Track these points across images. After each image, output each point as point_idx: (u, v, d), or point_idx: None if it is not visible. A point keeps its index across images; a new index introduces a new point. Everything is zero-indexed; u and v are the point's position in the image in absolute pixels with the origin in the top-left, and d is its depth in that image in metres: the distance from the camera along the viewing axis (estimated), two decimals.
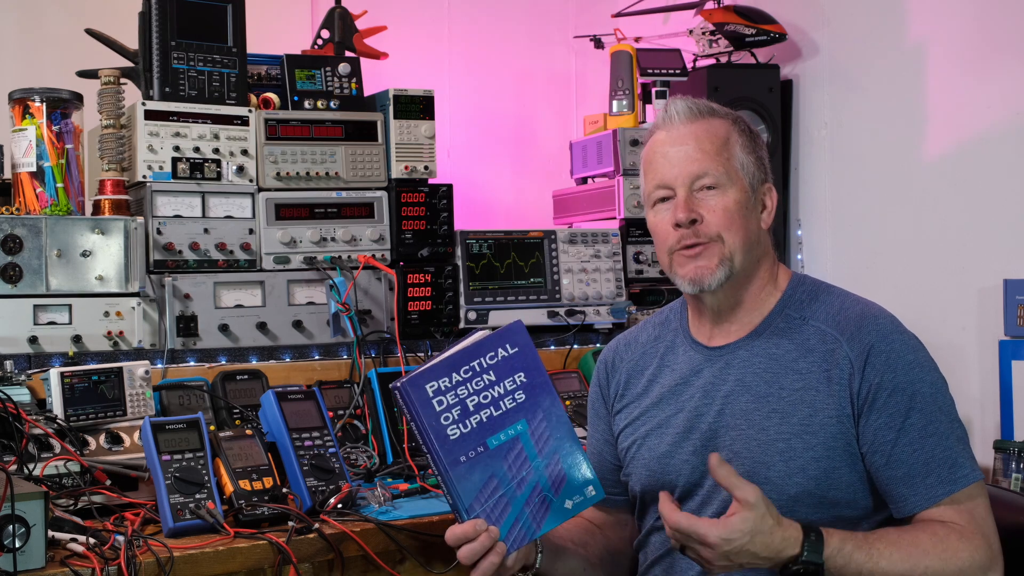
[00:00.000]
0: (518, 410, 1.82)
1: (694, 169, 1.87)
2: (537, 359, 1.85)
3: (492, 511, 1.78)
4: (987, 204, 3.02)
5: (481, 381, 1.81)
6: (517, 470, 1.80)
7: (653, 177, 1.93)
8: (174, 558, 1.86)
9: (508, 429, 1.80)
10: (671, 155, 1.90)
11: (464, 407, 1.79)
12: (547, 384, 1.84)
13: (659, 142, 1.93)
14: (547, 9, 4.20)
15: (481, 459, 1.79)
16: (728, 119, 1.93)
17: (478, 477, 1.78)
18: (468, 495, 1.78)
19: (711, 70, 3.51)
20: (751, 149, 1.92)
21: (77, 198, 2.74)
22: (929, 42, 3.19)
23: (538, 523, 1.81)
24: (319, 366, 2.80)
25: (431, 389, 1.78)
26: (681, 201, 1.87)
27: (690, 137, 1.89)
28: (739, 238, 1.87)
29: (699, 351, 1.96)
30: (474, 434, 1.79)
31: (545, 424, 1.82)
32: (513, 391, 1.82)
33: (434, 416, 1.78)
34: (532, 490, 1.80)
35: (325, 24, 3.24)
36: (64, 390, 2.32)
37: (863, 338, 1.82)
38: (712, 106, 1.94)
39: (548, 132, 4.17)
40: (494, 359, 1.82)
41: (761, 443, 1.83)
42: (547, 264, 3.19)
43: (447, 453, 1.77)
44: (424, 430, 1.78)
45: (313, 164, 2.95)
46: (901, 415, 1.78)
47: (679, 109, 1.92)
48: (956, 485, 1.76)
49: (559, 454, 1.82)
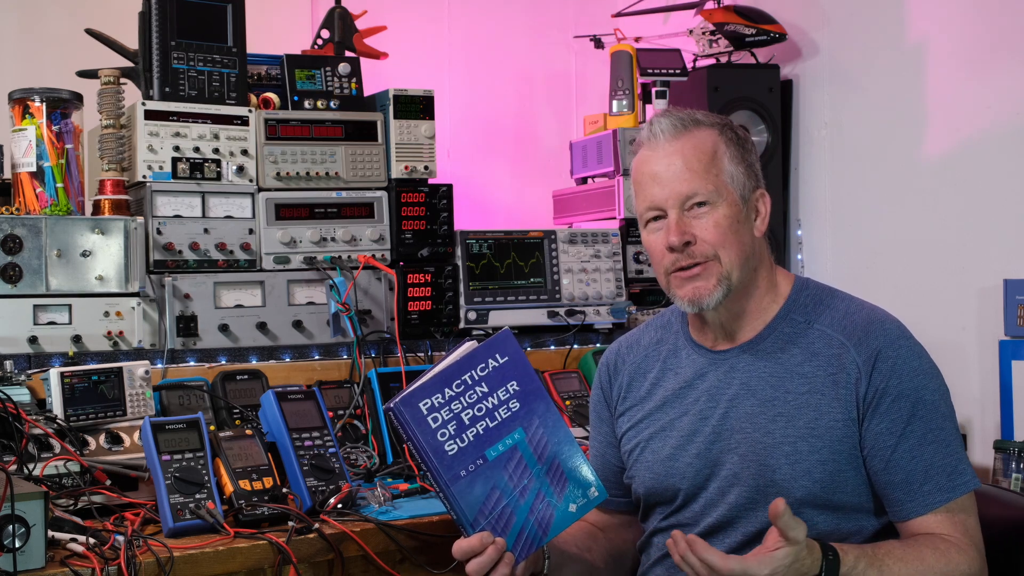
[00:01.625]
0: (514, 419, 1.81)
1: (683, 189, 1.85)
2: (528, 366, 1.84)
3: (497, 522, 1.77)
4: (987, 204, 3.02)
5: (474, 394, 1.80)
6: (518, 479, 1.79)
7: (644, 198, 1.91)
8: (174, 558, 1.86)
9: (506, 439, 1.80)
10: (659, 175, 1.88)
11: (459, 421, 1.79)
12: (540, 390, 1.84)
13: (645, 161, 1.91)
14: (547, 9, 4.20)
15: (481, 471, 1.78)
16: (715, 128, 1.90)
17: (480, 490, 1.77)
18: (472, 509, 1.77)
19: (711, 70, 3.51)
20: (740, 158, 1.90)
21: (77, 198, 2.74)
22: (929, 42, 3.19)
23: (544, 530, 1.80)
24: (319, 366, 2.80)
25: (425, 407, 1.78)
26: (673, 224, 1.86)
27: (677, 155, 1.87)
28: (735, 253, 1.86)
29: (703, 355, 1.96)
30: (472, 447, 1.78)
31: (542, 430, 1.82)
32: (507, 400, 1.81)
33: (430, 433, 1.77)
34: (535, 497, 1.80)
35: (325, 24, 3.24)
36: (64, 390, 2.32)
37: (870, 343, 1.82)
38: (696, 116, 1.91)
39: (548, 132, 4.17)
40: (485, 370, 1.82)
41: (767, 446, 1.83)
42: (547, 264, 3.19)
43: (447, 469, 1.77)
44: (421, 448, 1.77)
45: (313, 164, 2.95)
46: (903, 421, 1.78)
47: (663, 127, 1.89)
48: (955, 492, 1.77)
49: (559, 459, 1.82)
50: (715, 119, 1.93)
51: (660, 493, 1.94)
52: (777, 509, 1.62)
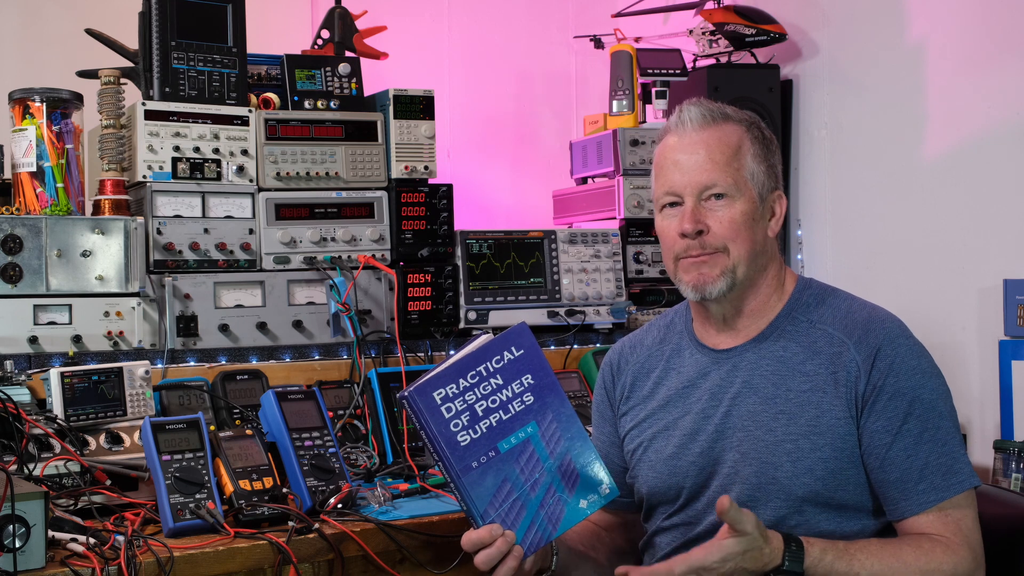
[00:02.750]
0: (527, 412, 1.81)
1: (703, 179, 1.87)
2: (543, 360, 1.84)
3: (507, 515, 1.77)
4: (987, 204, 3.02)
5: (488, 385, 1.80)
6: (530, 472, 1.79)
7: (663, 183, 1.92)
8: (174, 558, 1.86)
9: (518, 432, 1.80)
10: (682, 162, 1.89)
11: (473, 412, 1.79)
12: (555, 384, 1.84)
13: (670, 147, 1.92)
14: (547, 9, 4.20)
15: (493, 463, 1.78)
16: (742, 125, 1.92)
17: (491, 482, 1.77)
18: (482, 500, 1.77)
19: (711, 70, 3.51)
20: (763, 157, 1.91)
21: (77, 198, 2.74)
22: (929, 42, 3.19)
23: (554, 524, 1.80)
24: (319, 366, 2.80)
25: (439, 396, 1.78)
26: (688, 211, 1.88)
27: (701, 145, 1.89)
28: (744, 249, 1.88)
29: (706, 354, 1.96)
30: (484, 439, 1.78)
31: (555, 425, 1.82)
32: (521, 393, 1.81)
33: (443, 423, 1.77)
34: (546, 492, 1.79)
35: (325, 24, 3.24)
36: (64, 390, 2.32)
37: (870, 341, 1.82)
38: (727, 111, 1.93)
39: (548, 132, 4.17)
40: (500, 363, 1.82)
41: (768, 444, 1.83)
42: (547, 264, 3.19)
43: (458, 460, 1.77)
44: (434, 438, 1.77)
45: (313, 164, 2.95)
46: (899, 419, 1.78)
47: (692, 115, 1.91)
48: (949, 492, 1.77)
49: (571, 454, 1.82)
50: (744, 115, 1.94)
51: (663, 492, 1.95)
52: (723, 506, 1.65)
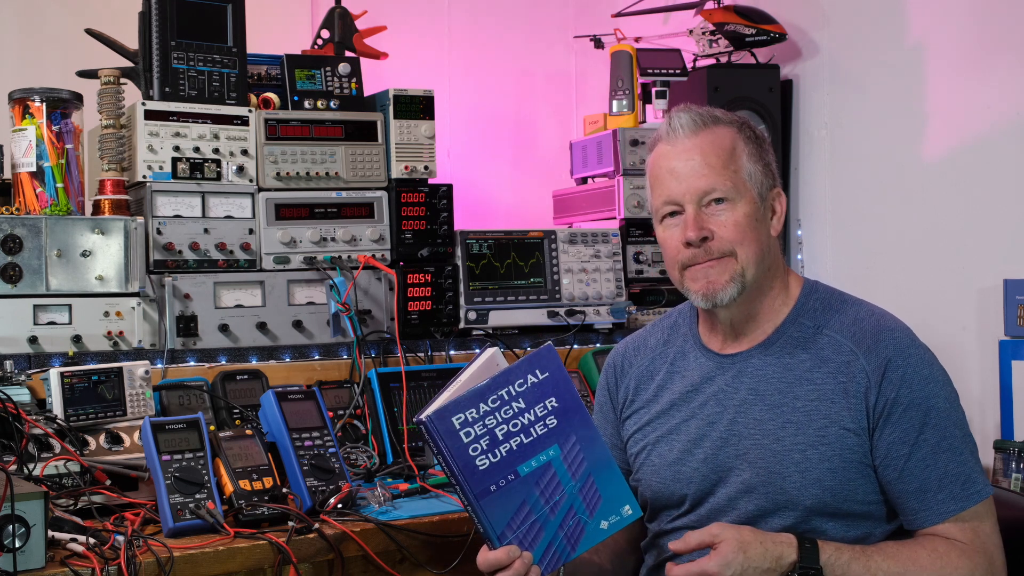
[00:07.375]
0: (550, 436, 1.76)
1: (702, 185, 1.85)
2: (568, 382, 1.78)
3: (525, 536, 1.74)
4: (987, 204, 3.02)
5: (510, 409, 1.75)
6: (550, 495, 1.75)
7: (660, 193, 1.90)
8: (174, 558, 1.86)
9: (540, 455, 1.75)
10: (678, 170, 1.87)
11: (493, 436, 1.73)
12: (580, 407, 1.78)
13: (664, 156, 1.90)
14: (547, 9, 4.20)
15: (512, 487, 1.74)
16: (733, 126, 1.90)
17: (509, 504, 1.74)
18: (500, 523, 1.74)
19: (711, 70, 3.51)
20: (758, 156, 1.90)
21: (77, 198, 2.74)
22: (929, 42, 3.19)
23: (573, 545, 1.77)
24: (319, 366, 2.80)
25: (458, 421, 1.73)
26: (691, 219, 1.85)
27: (695, 151, 1.86)
28: (752, 251, 1.86)
29: (711, 358, 1.95)
30: (504, 463, 1.74)
31: (579, 447, 1.77)
32: (544, 417, 1.76)
33: (462, 448, 1.72)
34: (566, 514, 1.76)
35: (325, 24, 3.24)
36: (64, 390, 2.32)
37: (880, 352, 1.81)
38: (716, 114, 1.91)
39: (548, 132, 4.17)
40: (523, 386, 1.76)
41: (776, 453, 1.82)
42: (547, 264, 3.19)
43: (476, 484, 1.73)
44: (452, 463, 1.73)
45: (313, 164, 2.95)
46: (915, 430, 1.77)
47: (683, 122, 1.88)
48: (968, 501, 1.76)
49: (593, 475, 1.77)
50: (733, 117, 1.93)
51: (667, 497, 1.94)
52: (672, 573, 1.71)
